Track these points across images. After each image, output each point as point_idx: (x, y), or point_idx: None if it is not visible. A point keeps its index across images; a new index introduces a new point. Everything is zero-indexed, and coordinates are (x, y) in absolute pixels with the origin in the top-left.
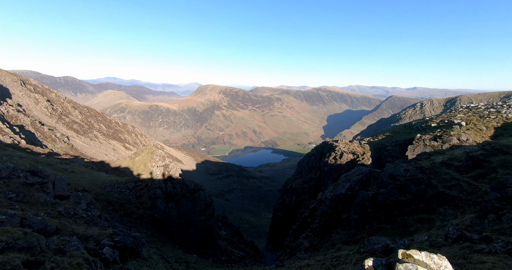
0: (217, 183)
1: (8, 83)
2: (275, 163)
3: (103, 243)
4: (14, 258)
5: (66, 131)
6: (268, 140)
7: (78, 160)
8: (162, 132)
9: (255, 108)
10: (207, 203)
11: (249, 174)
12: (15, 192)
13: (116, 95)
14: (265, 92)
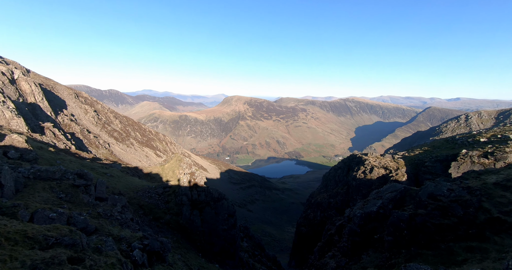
0: (240, 193)
1: (65, 96)
2: (299, 175)
3: (134, 245)
4: (61, 253)
5: (108, 139)
6: (292, 151)
7: (116, 165)
8: (189, 141)
9: (279, 118)
10: (230, 212)
11: (272, 185)
12: (65, 192)
13: (151, 105)
14: (290, 102)
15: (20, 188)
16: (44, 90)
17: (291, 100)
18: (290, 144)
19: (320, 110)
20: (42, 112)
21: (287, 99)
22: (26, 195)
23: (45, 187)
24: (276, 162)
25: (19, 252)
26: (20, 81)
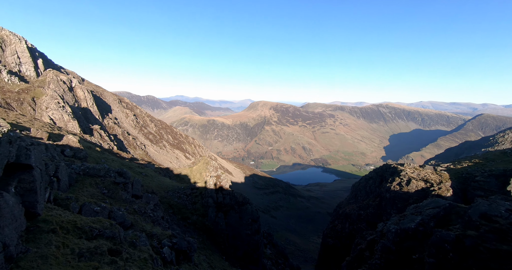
0: (264, 198)
1: (111, 101)
2: (326, 183)
3: (164, 243)
4: (102, 244)
5: (144, 141)
6: (318, 158)
7: (150, 166)
8: (216, 145)
9: (305, 124)
10: (254, 217)
11: (297, 192)
12: (107, 188)
13: (182, 110)
14: (317, 108)
15: (72, 182)
16: (94, 96)
17: (318, 106)
18: (316, 151)
19: (349, 116)
20: (92, 116)
21: (314, 105)
22: (77, 189)
23: (92, 183)
24: (301, 168)
25: (70, 240)
26: (76, 89)
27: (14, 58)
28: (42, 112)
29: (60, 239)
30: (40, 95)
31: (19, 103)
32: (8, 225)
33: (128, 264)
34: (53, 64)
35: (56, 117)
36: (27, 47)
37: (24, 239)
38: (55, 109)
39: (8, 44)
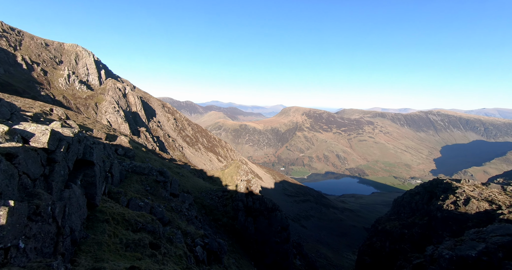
0: (294, 206)
1: (155, 106)
2: (362, 196)
3: (197, 242)
4: (145, 237)
5: (182, 143)
6: (354, 168)
7: (186, 167)
8: (247, 149)
9: (340, 131)
10: (283, 225)
11: (330, 202)
12: (150, 186)
13: (216, 115)
14: (354, 114)
15: (122, 178)
16: (142, 101)
17: (355, 112)
18: (352, 160)
19: (391, 124)
20: (140, 119)
21: (351, 111)
22: (126, 184)
23: (137, 179)
24: (334, 178)
25: (119, 230)
26: (129, 95)
27: (84, 70)
28: (102, 115)
29: (112, 229)
30: (101, 101)
31: (86, 107)
32: (74, 213)
33: (166, 259)
34: (112, 74)
35: (112, 120)
36: (94, 60)
37: (85, 226)
38: (111, 113)
39: (80, 58)
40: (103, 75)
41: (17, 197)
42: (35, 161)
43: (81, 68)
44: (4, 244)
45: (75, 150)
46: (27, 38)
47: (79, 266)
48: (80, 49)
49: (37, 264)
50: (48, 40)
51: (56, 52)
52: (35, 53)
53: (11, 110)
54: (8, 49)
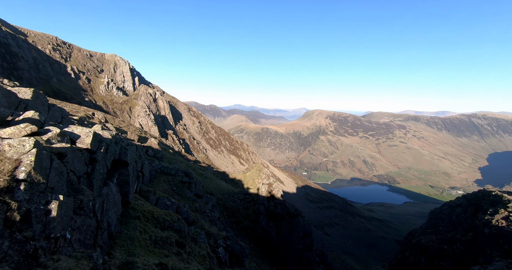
0: (317, 213)
1: (182, 110)
2: (392, 205)
3: (219, 243)
4: (171, 236)
5: (205, 145)
6: (383, 175)
7: (210, 169)
8: (268, 152)
9: (367, 135)
10: (306, 232)
11: (356, 210)
12: (176, 186)
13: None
14: (382, 117)
15: (152, 178)
16: (170, 106)
17: (384, 115)
18: (380, 166)
19: (426, 128)
20: (168, 122)
21: (379, 114)
22: (154, 184)
23: (165, 180)
24: (361, 184)
25: (149, 227)
26: (158, 100)
27: (121, 77)
28: (135, 119)
29: (142, 226)
30: (135, 105)
31: (121, 111)
32: (111, 209)
33: (190, 258)
34: (144, 80)
35: (144, 123)
36: (129, 68)
37: (119, 221)
38: (143, 116)
39: (118, 66)
40: (136, 82)
41: (65, 192)
42: (80, 160)
43: (118, 75)
44: (54, 234)
45: (113, 151)
46: (75, 50)
47: (114, 258)
48: (118, 59)
49: (80, 254)
50: (92, 51)
51: (98, 62)
52: (81, 63)
53: (62, 114)
54: (60, 60)
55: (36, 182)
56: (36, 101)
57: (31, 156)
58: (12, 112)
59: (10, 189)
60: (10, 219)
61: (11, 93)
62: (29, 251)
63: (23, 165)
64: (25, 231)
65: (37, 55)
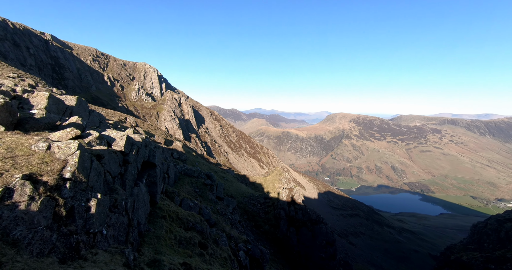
0: (340, 220)
1: (204, 114)
2: (426, 216)
3: (240, 246)
4: (194, 236)
5: (226, 148)
6: (414, 182)
7: (230, 172)
8: (289, 156)
9: (396, 140)
10: (329, 240)
11: (384, 220)
12: (199, 188)
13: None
14: (413, 121)
15: (176, 179)
16: (194, 110)
17: (416, 118)
18: (411, 173)
19: (466, 132)
20: (191, 126)
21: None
22: (179, 185)
23: (188, 181)
24: (389, 192)
25: (173, 227)
26: (183, 105)
27: (150, 84)
28: (161, 123)
29: (168, 225)
30: (161, 110)
31: (150, 116)
32: (141, 208)
33: (212, 260)
34: (170, 86)
35: (169, 127)
36: (157, 75)
37: (148, 220)
38: (169, 120)
39: (147, 74)
40: (163, 88)
41: (102, 191)
42: (115, 162)
43: (147, 82)
44: (93, 229)
45: (143, 153)
46: (111, 60)
47: (143, 256)
48: (147, 67)
49: (114, 249)
50: (126, 60)
51: (131, 70)
52: (116, 72)
53: (100, 119)
54: (98, 70)
55: (79, 181)
56: (79, 108)
57: (75, 157)
58: (60, 117)
59: (58, 187)
60: (58, 214)
61: (60, 101)
62: (72, 244)
63: (69, 165)
64: (69, 226)
65: (80, 66)
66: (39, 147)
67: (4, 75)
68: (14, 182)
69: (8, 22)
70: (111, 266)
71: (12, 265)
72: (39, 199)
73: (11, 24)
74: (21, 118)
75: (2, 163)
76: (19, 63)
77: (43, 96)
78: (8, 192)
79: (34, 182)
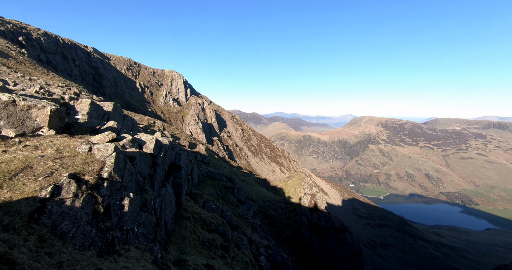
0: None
1: (226, 118)
2: (468, 230)
3: (261, 251)
4: (217, 239)
5: (247, 152)
6: (453, 192)
7: (251, 175)
8: (311, 161)
9: (430, 145)
10: (355, 251)
11: (417, 232)
12: (220, 190)
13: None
14: (451, 125)
15: (200, 181)
16: (216, 114)
17: (454, 122)
18: (449, 182)
19: None
20: (214, 130)
21: (446, 121)
22: (202, 187)
23: (211, 184)
24: (423, 202)
25: (197, 228)
26: (206, 109)
27: (176, 90)
28: (186, 127)
29: (192, 226)
30: (186, 114)
31: (175, 120)
32: (167, 208)
33: (234, 263)
34: (195, 92)
35: (193, 130)
36: (183, 82)
37: (173, 220)
38: (193, 124)
39: (174, 80)
40: (188, 93)
41: (134, 191)
42: (145, 163)
43: (174, 88)
44: (126, 227)
45: (170, 155)
46: (142, 68)
47: (169, 254)
48: (174, 74)
49: (144, 246)
50: (155, 68)
51: (159, 77)
52: (146, 79)
53: (132, 123)
54: (131, 78)
55: (115, 180)
56: (115, 113)
57: (112, 159)
58: (99, 122)
59: (97, 185)
60: (96, 210)
61: (99, 107)
62: (108, 239)
63: (106, 166)
64: (106, 222)
65: (116, 74)
66: (82, 149)
67: (54, 84)
68: (62, 181)
69: (59, 38)
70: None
71: (60, 256)
72: (82, 197)
73: (61, 39)
74: (68, 122)
75: (53, 163)
76: (67, 73)
77: (85, 103)
78: (57, 189)
79: (77, 180)
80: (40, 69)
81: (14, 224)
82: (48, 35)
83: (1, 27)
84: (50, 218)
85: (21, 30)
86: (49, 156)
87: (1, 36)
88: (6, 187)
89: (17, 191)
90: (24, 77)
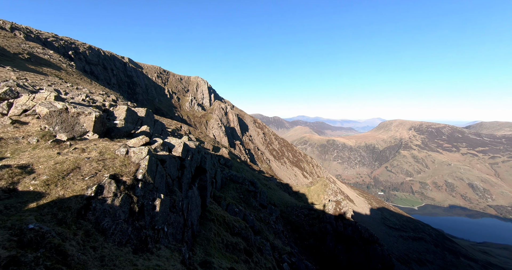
0: (399, 243)
1: (248, 122)
2: None
3: (284, 258)
4: (240, 242)
5: (269, 156)
6: (504, 206)
7: (273, 179)
8: (335, 166)
9: (474, 151)
10: (386, 264)
11: (460, 249)
12: (243, 194)
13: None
14: (500, 129)
15: (223, 184)
16: (239, 118)
17: (504, 126)
18: (499, 194)
19: None
20: (236, 133)
21: (494, 125)
22: (225, 190)
23: (233, 187)
24: (466, 215)
25: (221, 231)
26: (229, 113)
27: (201, 95)
28: (209, 131)
29: (216, 228)
30: (210, 119)
31: (200, 124)
32: (194, 209)
33: (257, 268)
34: (218, 96)
35: (216, 134)
36: (208, 87)
37: (199, 222)
38: (216, 128)
39: (199, 86)
40: (212, 98)
41: (165, 192)
42: (174, 166)
43: (199, 94)
44: (157, 226)
45: (196, 159)
46: (171, 76)
47: (196, 255)
48: (199, 80)
49: (173, 246)
50: (182, 75)
51: (186, 83)
52: (174, 86)
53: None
54: (161, 85)
55: (148, 182)
56: (147, 118)
57: (145, 161)
58: (134, 126)
59: (133, 186)
60: (132, 210)
61: (134, 112)
62: (142, 238)
63: (141, 168)
64: (140, 221)
65: (147, 82)
66: (120, 152)
67: (96, 92)
68: (104, 181)
69: (100, 51)
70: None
71: (102, 250)
72: (120, 196)
73: (102, 52)
74: (108, 127)
75: (97, 164)
76: (106, 82)
77: (123, 109)
78: (100, 189)
79: (117, 181)
80: (85, 79)
81: (66, 219)
82: (92, 49)
83: (56, 43)
84: (94, 215)
85: (71, 45)
86: (93, 158)
87: (55, 51)
88: (60, 185)
89: (68, 189)
90: (72, 86)
